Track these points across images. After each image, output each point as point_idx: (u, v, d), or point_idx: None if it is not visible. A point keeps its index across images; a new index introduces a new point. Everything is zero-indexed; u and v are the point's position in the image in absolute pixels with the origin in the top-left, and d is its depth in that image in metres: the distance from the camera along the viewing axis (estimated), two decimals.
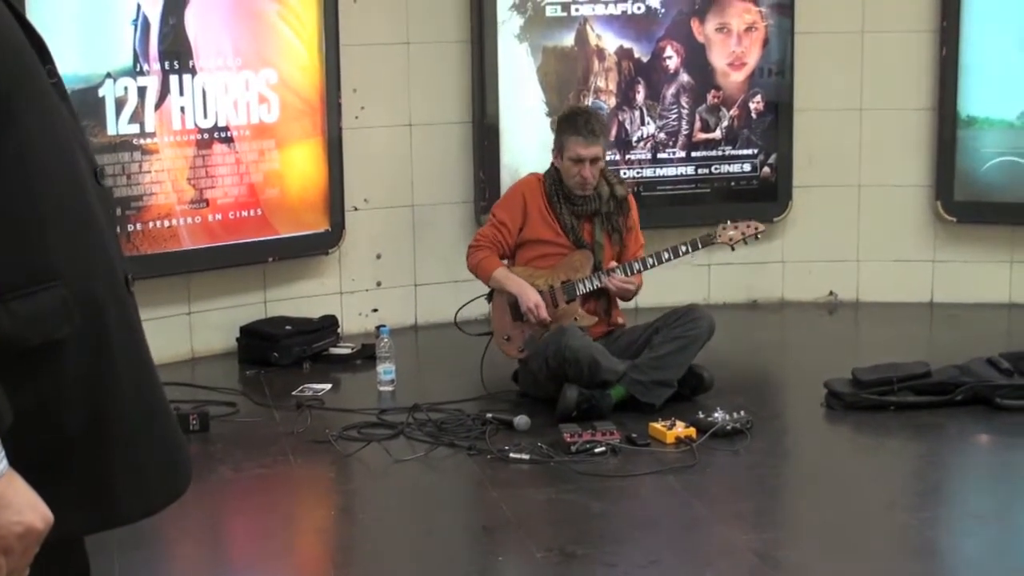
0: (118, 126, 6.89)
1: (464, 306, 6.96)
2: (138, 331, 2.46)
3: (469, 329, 6.94)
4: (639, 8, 8.12)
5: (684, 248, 6.65)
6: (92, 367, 2.32)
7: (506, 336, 6.68)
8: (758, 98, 8.33)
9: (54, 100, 2.37)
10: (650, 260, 6.64)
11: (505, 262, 6.68)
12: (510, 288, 6.58)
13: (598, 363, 6.29)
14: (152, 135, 7.03)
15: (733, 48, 8.27)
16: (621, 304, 6.83)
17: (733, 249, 6.89)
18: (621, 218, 6.73)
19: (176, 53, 7.07)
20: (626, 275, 6.61)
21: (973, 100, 8.26)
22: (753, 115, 8.34)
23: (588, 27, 8.09)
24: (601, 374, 6.31)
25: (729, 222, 6.77)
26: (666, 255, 6.65)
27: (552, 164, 6.72)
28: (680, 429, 5.97)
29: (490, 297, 6.76)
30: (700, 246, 6.71)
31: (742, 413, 6.11)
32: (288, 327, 7.45)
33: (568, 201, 6.63)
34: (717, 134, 8.32)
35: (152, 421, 2.46)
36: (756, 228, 6.78)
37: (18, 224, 2.21)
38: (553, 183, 6.65)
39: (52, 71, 2.40)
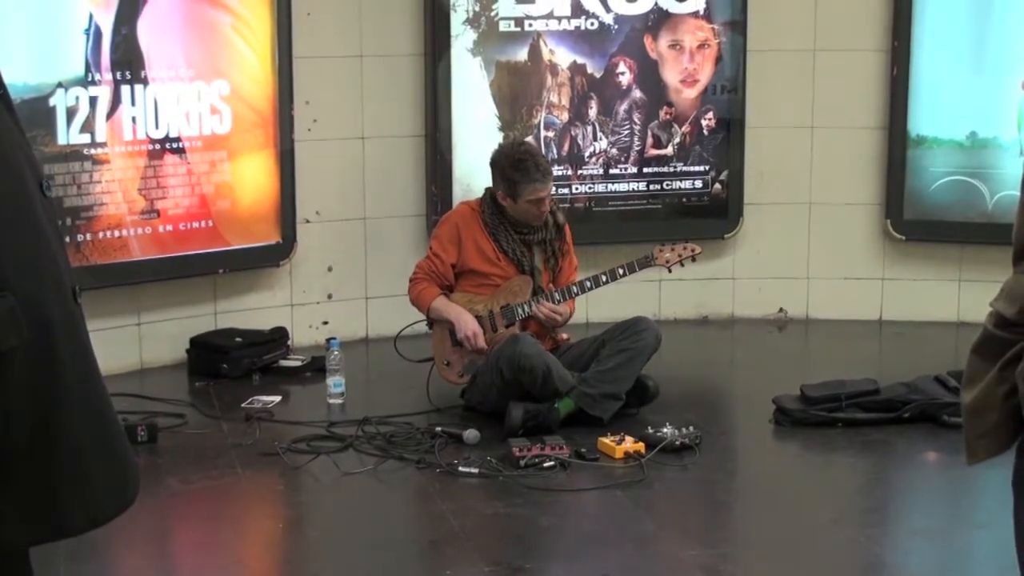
0: (69, 136, 6.85)
1: (405, 328, 6.95)
2: (85, 342, 2.45)
3: (416, 345, 6.93)
4: (592, 24, 8.13)
5: (621, 271, 6.71)
6: (39, 377, 2.32)
7: (446, 362, 6.69)
8: (710, 115, 8.36)
9: (0, 111, 2.36)
10: (587, 283, 6.69)
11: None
12: (448, 316, 6.60)
13: (551, 371, 6.30)
14: (103, 145, 6.99)
15: (686, 65, 8.29)
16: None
17: (670, 271, 6.93)
18: (559, 243, 6.77)
19: (128, 63, 7.04)
20: (565, 298, 6.66)
21: (923, 120, 8.31)
22: (705, 132, 8.37)
23: (541, 42, 8.10)
24: (553, 383, 6.32)
25: (667, 244, 6.82)
26: (604, 278, 6.70)
27: (487, 192, 6.72)
28: (629, 444, 5.99)
29: (431, 324, 6.76)
30: (637, 268, 6.76)
31: (691, 428, 6.12)
32: (238, 339, 7.42)
33: (514, 229, 6.65)
34: (669, 150, 8.34)
35: (99, 432, 2.46)
36: (693, 250, 6.84)
37: None
38: (493, 212, 6.67)
39: None
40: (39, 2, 6.77)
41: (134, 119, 7.10)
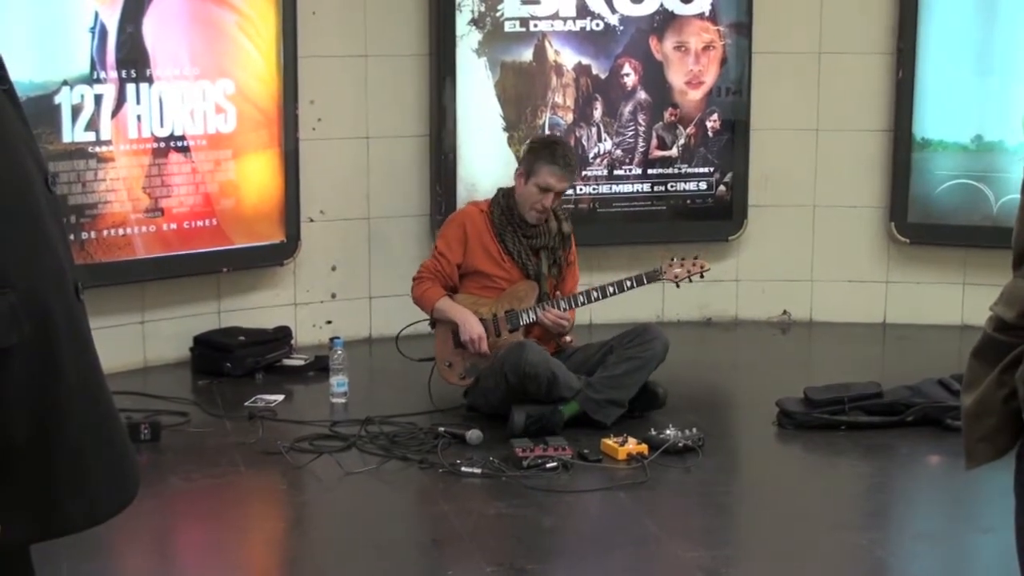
0: (73, 133, 6.85)
1: (407, 327, 6.95)
2: (87, 339, 2.45)
3: (418, 345, 6.93)
4: (598, 25, 8.13)
5: (629, 283, 6.69)
6: (40, 374, 2.31)
7: (448, 363, 6.68)
8: (715, 117, 8.35)
9: (5, 107, 2.35)
10: (595, 294, 6.69)
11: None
12: (453, 317, 6.58)
13: (556, 377, 6.29)
14: (108, 143, 7.00)
15: (691, 66, 8.29)
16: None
17: (678, 287, 6.92)
18: (563, 253, 6.77)
19: (133, 61, 7.04)
20: (570, 307, 6.65)
21: (928, 123, 8.31)
22: (710, 133, 8.36)
23: (547, 43, 8.10)
24: (559, 389, 6.31)
25: (675, 259, 6.81)
26: (611, 289, 6.69)
27: (499, 192, 6.72)
28: (632, 446, 5.98)
29: (433, 324, 6.75)
30: (645, 281, 6.74)
31: (694, 431, 6.12)
32: (241, 338, 7.42)
33: (522, 232, 6.64)
34: (673, 152, 8.34)
35: (100, 429, 2.45)
36: (701, 266, 6.82)
37: None
38: (502, 213, 6.66)
39: (3, 77, 2.39)
40: (45, 0, 6.77)
41: (139, 117, 7.10)
